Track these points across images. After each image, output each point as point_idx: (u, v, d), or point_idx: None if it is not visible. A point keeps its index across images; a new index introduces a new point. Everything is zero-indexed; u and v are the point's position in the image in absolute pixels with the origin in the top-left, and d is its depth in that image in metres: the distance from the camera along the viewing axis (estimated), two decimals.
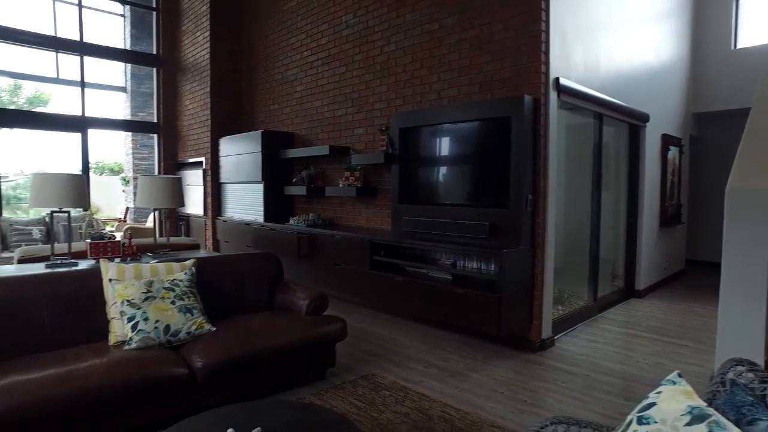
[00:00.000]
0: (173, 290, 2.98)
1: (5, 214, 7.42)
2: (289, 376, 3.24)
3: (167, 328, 2.82)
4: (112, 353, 2.65)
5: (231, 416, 2.06)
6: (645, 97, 5.58)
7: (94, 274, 3.04)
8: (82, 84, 7.78)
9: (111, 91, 11.26)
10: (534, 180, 3.94)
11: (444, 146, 4.47)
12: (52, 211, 3.32)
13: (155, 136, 8.51)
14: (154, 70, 8.54)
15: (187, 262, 3.28)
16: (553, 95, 4.00)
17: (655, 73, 5.97)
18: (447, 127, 4.36)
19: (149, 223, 9.63)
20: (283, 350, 3.04)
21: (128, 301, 2.82)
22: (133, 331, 2.74)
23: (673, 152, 6.38)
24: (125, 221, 10.52)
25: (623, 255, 5.75)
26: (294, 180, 6.25)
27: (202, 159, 7.51)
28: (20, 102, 14.24)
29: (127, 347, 2.71)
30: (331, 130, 5.91)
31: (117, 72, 11.56)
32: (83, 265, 3.38)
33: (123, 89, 11.39)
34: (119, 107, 11.45)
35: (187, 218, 8.03)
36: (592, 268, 5.14)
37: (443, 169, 4.51)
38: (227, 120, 7.48)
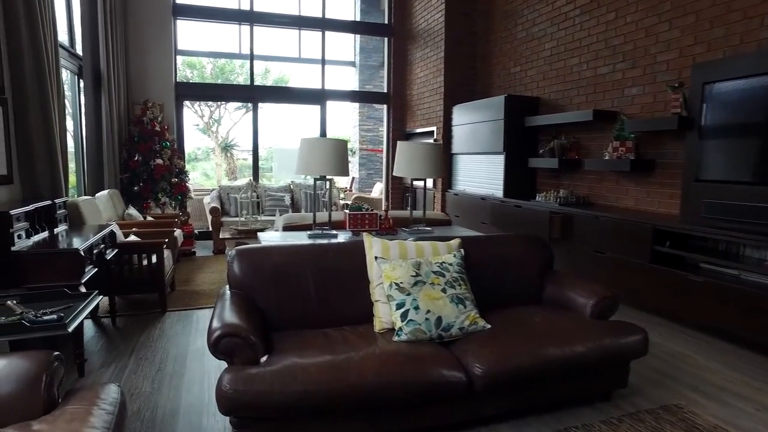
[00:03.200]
0: (443, 275, 2.55)
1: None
2: (571, 391, 2.59)
3: (439, 320, 2.40)
4: (382, 344, 2.33)
5: None
6: None
7: (356, 248, 2.79)
8: (323, 57, 8.11)
9: (342, 66, 11.83)
10: None
11: None
12: (315, 179, 3.19)
13: (384, 106, 8.53)
14: (385, 40, 8.50)
15: (452, 242, 2.84)
16: None
17: None
18: None
19: (374, 194, 9.88)
20: (575, 362, 2.39)
21: (397, 284, 2.47)
22: (402, 321, 2.38)
23: None
24: (351, 191, 11.04)
25: None
26: (540, 151, 5.49)
27: (433, 128, 7.22)
28: (268, 83, 16.10)
29: (396, 338, 2.37)
30: (591, 92, 4.97)
31: (347, 47, 12.11)
32: (341, 237, 3.21)
33: (352, 63, 11.87)
34: (349, 80, 12.01)
35: (414, 190, 7.89)
36: None
37: None
38: (460, 87, 7.01)
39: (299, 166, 3.02)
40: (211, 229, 6.85)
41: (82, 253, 2.77)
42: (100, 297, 2.52)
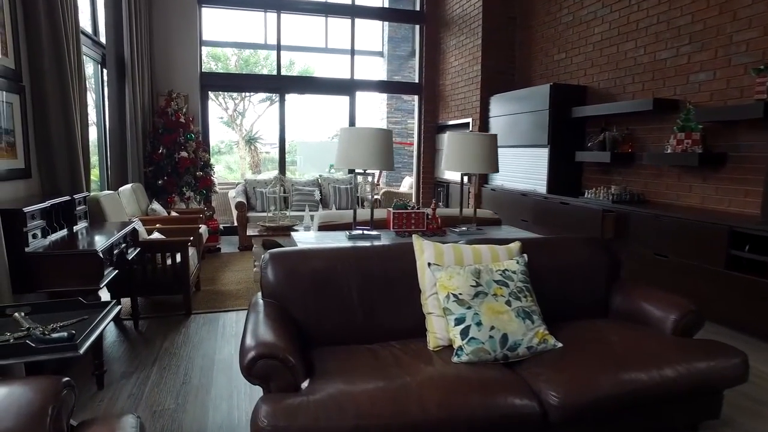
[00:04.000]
0: (506, 285, 2.21)
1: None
2: (654, 422, 2.23)
3: (504, 338, 2.07)
4: (440, 366, 2.01)
5: None
6: None
7: (403, 252, 2.47)
8: (352, 46, 7.78)
9: (369, 56, 11.50)
10: None
11: None
12: (356, 173, 2.87)
13: (415, 97, 8.16)
14: (416, 27, 8.14)
15: (512, 245, 2.49)
16: None
17: None
18: None
19: (402, 188, 9.55)
20: (665, 390, 2.03)
21: (455, 295, 2.14)
22: (463, 339, 2.05)
23: None
24: (378, 185, 10.72)
25: None
26: (589, 144, 5.08)
27: (468, 120, 6.84)
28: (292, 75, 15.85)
29: (455, 359, 2.04)
30: (648, 80, 4.54)
31: (374, 37, 11.76)
32: (385, 238, 2.88)
33: (380, 54, 11.52)
34: (377, 71, 11.67)
35: (446, 184, 7.53)
36: None
37: None
38: (497, 76, 6.61)
39: (339, 159, 2.70)
40: (236, 224, 6.61)
41: (101, 255, 2.51)
42: (119, 307, 2.25)
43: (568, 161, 5.26)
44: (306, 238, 2.85)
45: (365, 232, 2.82)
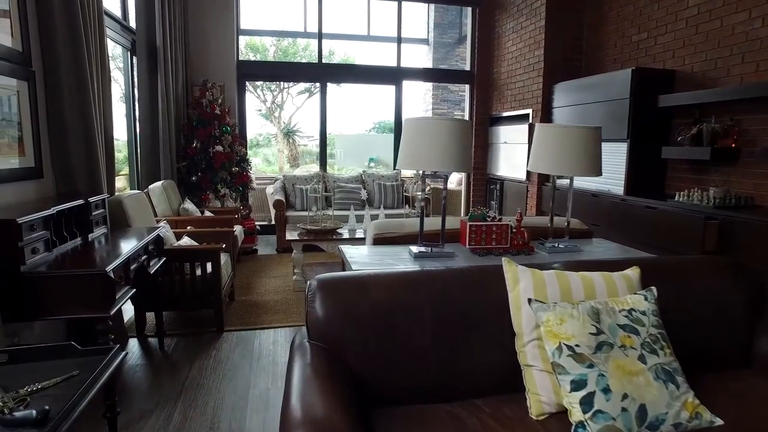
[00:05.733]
0: (636, 332, 1.61)
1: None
2: None
3: (642, 411, 1.47)
4: None
5: None
6: None
7: (488, 278, 1.90)
8: (399, 31, 7.19)
9: (413, 44, 10.90)
10: None
11: None
12: (424, 176, 2.32)
13: (466, 86, 7.52)
14: (468, 10, 7.47)
15: (630, 272, 1.87)
16: None
17: None
18: None
19: (450, 184, 8.92)
20: None
21: (569, 347, 1.56)
22: (585, 411, 1.47)
23: None
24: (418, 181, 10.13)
25: None
26: (678, 138, 4.36)
27: (528, 111, 6.16)
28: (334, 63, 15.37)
29: None
30: (765, 58, 3.79)
31: (419, 24, 11.15)
32: (460, 258, 2.31)
33: (425, 41, 10.90)
34: (421, 59, 11.05)
35: (500, 182, 6.87)
36: None
37: None
38: (562, 62, 5.90)
39: (404, 158, 2.13)
40: (274, 222, 6.17)
41: (112, 275, 2.04)
42: (124, 353, 1.77)
43: (652, 158, 4.54)
44: (360, 256, 2.31)
45: (434, 248, 2.25)
